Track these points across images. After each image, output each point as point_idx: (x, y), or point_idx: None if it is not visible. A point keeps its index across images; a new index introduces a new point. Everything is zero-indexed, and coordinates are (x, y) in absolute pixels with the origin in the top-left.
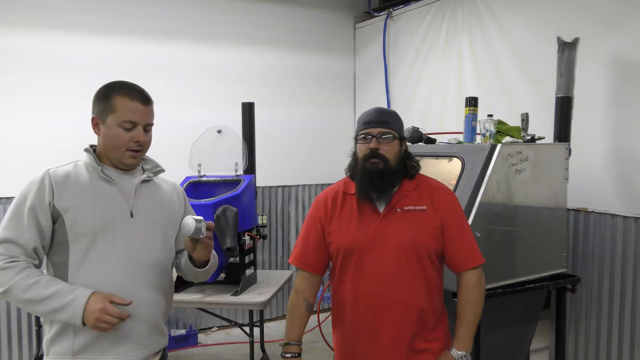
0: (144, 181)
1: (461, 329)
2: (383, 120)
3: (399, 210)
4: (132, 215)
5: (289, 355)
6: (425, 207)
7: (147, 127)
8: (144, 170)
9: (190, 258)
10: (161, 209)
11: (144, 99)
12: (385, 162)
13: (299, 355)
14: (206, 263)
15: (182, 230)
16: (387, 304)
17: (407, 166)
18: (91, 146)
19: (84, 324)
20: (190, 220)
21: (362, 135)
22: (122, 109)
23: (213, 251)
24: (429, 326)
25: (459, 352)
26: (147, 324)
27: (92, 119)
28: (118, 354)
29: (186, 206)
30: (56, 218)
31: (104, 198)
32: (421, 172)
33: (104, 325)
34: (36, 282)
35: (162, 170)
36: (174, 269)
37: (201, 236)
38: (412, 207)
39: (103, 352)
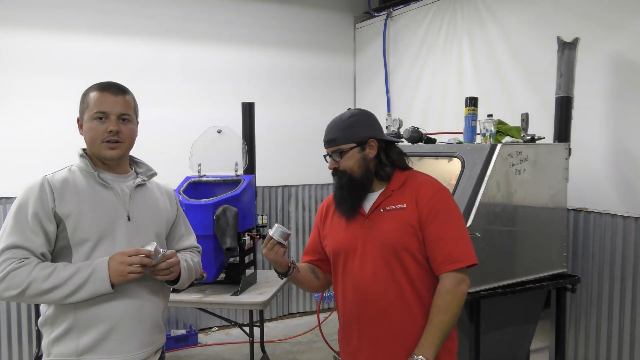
0: (138, 185)
1: (425, 333)
2: (331, 139)
3: (381, 210)
4: (129, 219)
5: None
6: (404, 205)
7: (124, 117)
8: (137, 174)
9: None
10: (155, 212)
11: (115, 90)
12: (345, 174)
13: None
14: (176, 281)
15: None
16: (368, 306)
17: (377, 169)
18: (84, 150)
19: (112, 287)
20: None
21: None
22: (92, 101)
23: (188, 265)
24: (421, 332)
25: (417, 357)
26: (150, 322)
27: (77, 121)
28: (124, 353)
29: (178, 209)
30: (58, 223)
31: (102, 202)
32: (423, 172)
33: (134, 268)
34: (54, 269)
35: (155, 174)
36: None
37: (158, 260)
38: (393, 207)
39: (109, 351)
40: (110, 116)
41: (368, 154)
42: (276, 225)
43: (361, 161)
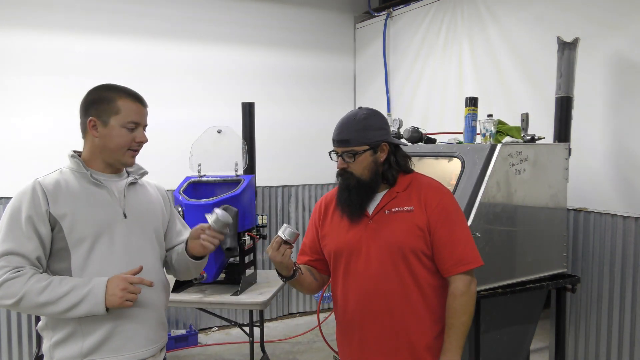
0: (131, 183)
1: (448, 339)
2: (343, 139)
3: (387, 212)
4: (125, 216)
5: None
6: (412, 208)
7: (145, 128)
8: (128, 173)
9: (187, 250)
10: (150, 209)
11: (143, 101)
12: (354, 178)
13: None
14: (201, 257)
15: (220, 217)
16: (373, 307)
17: (386, 171)
18: (74, 152)
19: (106, 310)
20: (223, 214)
21: (333, 152)
22: (126, 110)
23: None
24: (426, 333)
25: None
26: (154, 319)
27: (90, 121)
28: (129, 351)
29: (171, 207)
30: (54, 225)
31: (97, 201)
32: (421, 172)
33: (131, 296)
34: (49, 283)
35: (146, 173)
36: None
37: (225, 230)
38: (400, 208)
39: (114, 350)
40: (140, 127)
41: (379, 157)
42: (285, 225)
43: (372, 164)
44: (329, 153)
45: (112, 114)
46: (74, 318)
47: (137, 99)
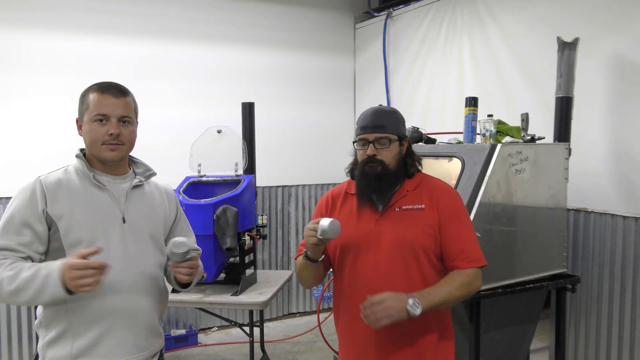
0: (135, 186)
1: (434, 289)
2: (379, 125)
3: (397, 209)
4: (124, 221)
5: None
6: (423, 206)
7: (125, 119)
8: (135, 174)
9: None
10: (151, 214)
11: (116, 92)
12: (383, 165)
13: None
14: (188, 284)
15: (168, 253)
16: None
17: (407, 165)
18: (81, 150)
19: (70, 293)
20: (176, 247)
21: (359, 140)
22: (93, 103)
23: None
24: (430, 333)
25: (412, 296)
26: (146, 327)
27: (76, 121)
28: (118, 357)
29: (178, 209)
30: (50, 225)
31: (96, 204)
32: (423, 172)
33: (85, 281)
34: (20, 270)
35: (154, 174)
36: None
37: (185, 259)
38: (411, 206)
39: (103, 355)
40: (111, 119)
41: (402, 150)
42: (323, 222)
43: (398, 155)
44: (353, 142)
45: (84, 110)
46: (48, 304)
47: (105, 90)
